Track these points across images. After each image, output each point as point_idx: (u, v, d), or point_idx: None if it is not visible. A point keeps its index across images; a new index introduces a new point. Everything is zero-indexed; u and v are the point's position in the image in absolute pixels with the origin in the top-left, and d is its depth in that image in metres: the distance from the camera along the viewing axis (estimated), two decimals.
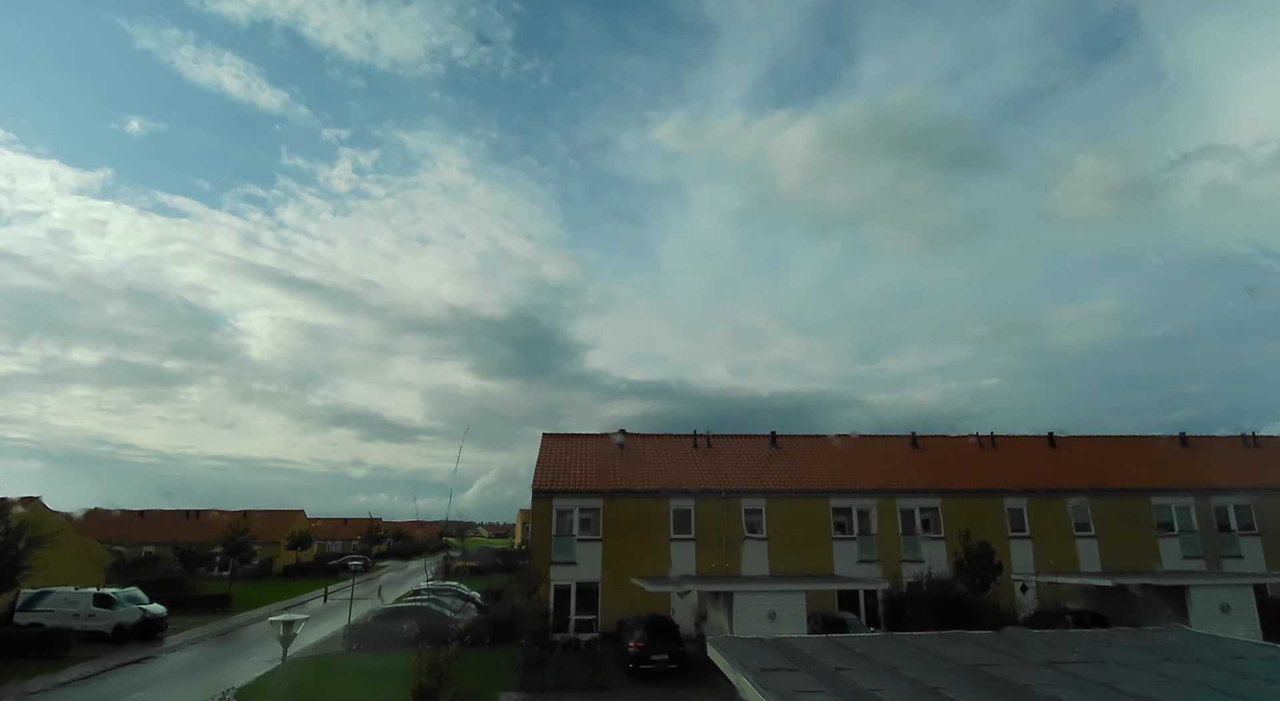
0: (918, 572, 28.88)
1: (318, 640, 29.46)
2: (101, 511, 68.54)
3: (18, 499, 32.72)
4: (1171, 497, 32.43)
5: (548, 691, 20.07)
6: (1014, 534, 31.36)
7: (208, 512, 69.91)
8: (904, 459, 35.22)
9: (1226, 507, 32.46)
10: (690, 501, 30.74)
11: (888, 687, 7.56)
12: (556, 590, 29.05)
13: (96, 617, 29.20)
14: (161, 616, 30.87)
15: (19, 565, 26.07)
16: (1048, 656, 9.34)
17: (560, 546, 29.69)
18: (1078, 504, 32.06)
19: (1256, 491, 32.61)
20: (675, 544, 30.15)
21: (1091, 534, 31.59)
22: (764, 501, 31.03)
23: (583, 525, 30.21)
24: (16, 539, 25.89)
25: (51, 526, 30.98)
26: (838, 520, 31.29)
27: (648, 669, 21.72)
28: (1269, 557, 31.65)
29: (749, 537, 30.53)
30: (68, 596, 29.57)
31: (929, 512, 31.76)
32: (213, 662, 25.39)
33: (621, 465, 33.17)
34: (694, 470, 32.88)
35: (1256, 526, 32.22)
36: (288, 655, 15.45)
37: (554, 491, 30.32)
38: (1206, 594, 24.05)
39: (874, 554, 30.71)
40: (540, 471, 31.80)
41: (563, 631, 28.08)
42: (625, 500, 30.48)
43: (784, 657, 9.11)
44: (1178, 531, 32.00)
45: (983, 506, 31.58)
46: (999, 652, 9.59)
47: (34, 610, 29.18)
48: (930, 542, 30.98)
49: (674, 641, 22.09)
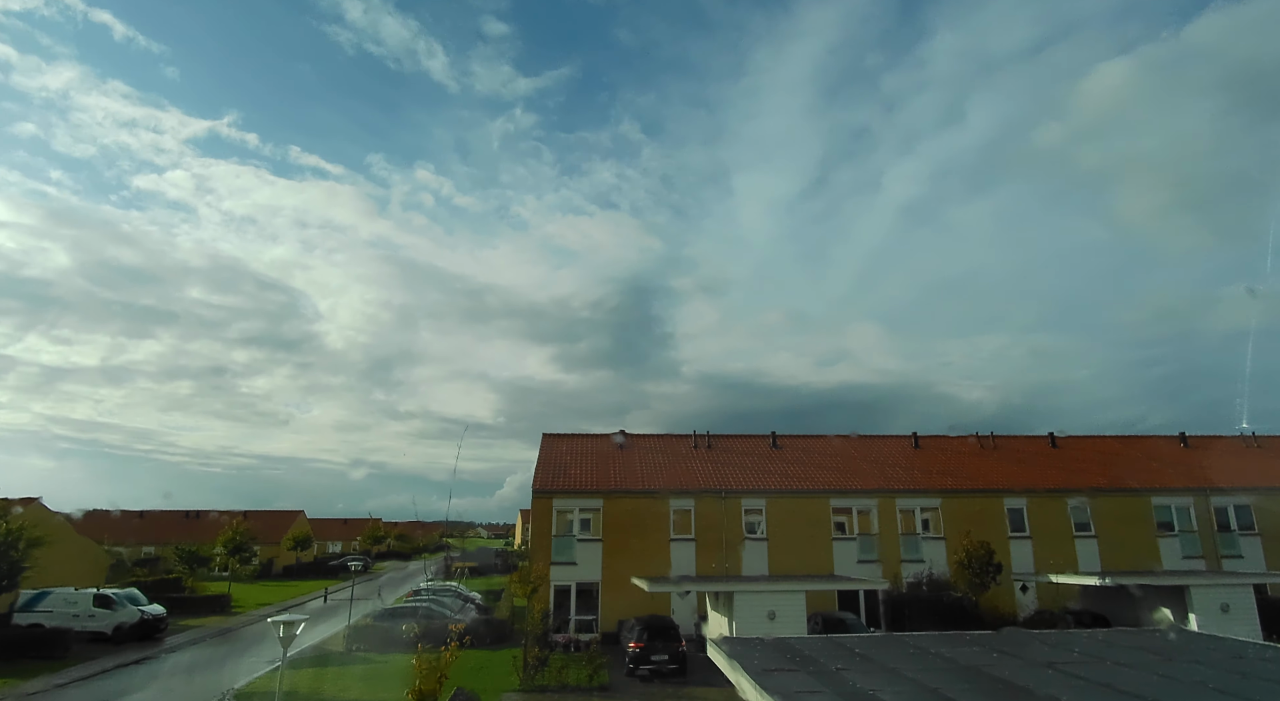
0: (918, 572, 28.87)
1: (318, 641, 29.46)
2: (101, 512, 68.68)
3: (18, 499, 32.82)
4: (1171, 497, 32.42)
5: (548, 692, 20.06)
6: (1014, 534, 31.34)
7: (208, 513, 69.90)
8: (904, 459, 35.21)
9: (1226, 507, 32.43)
10: (690, 501, 30.72)
11: (888, 687, 7.55)
12: (556, 590, 29.03)
13: (96, 618, 29.18)
14: (161, 617, 30.86)
15: (19, 566, 26.07)
16: (1048, 656, 9.34)
17: (560, 546, 29.67)
18: (1078, 504, 32.04)
19: (1256, 491, 32.60)
20: (675, 544, 30.14)
21: (1091, 534, 31.58)
22: (764, 501, 31.01)
23: (583, 525, 30.20)
24: (17, 540, 25.88)
25: (51, 527, 30.99)
26: (838, 520, 31.27)
27: (648, 669, 21.70)
28: (1269, 557, 31.63)
29: (749, 538, 30.52)
30: (67, 597, 29.56)
31: (929, 512, 31.75)
32: (212, 663, 25.38)
33: (621, 465, 33.16)
34: (694, 470, 32.87)
35: (1256, 526, 32.21)
36: (287, 656, 15.44)
37: (554, 491, 30.30)
38: (1206, 594, 24.06)
39: (874, 554, 30.69)
40: (540, 471, 31.79)
41: (563, 632, 28.07)
42: (625, 500, 30.47)
43: (784, 657, 9.10)
44: (1178, 531, 31.98)
45: (983, 506, 31.57)
46: (999, 653, 9.59)
47: (34, 611, 29.17)
48: (930, 542, 30.97)
49: (674, 642, 22.07)
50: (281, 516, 73.47)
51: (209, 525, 63.65)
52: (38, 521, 28.85)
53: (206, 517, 68.37)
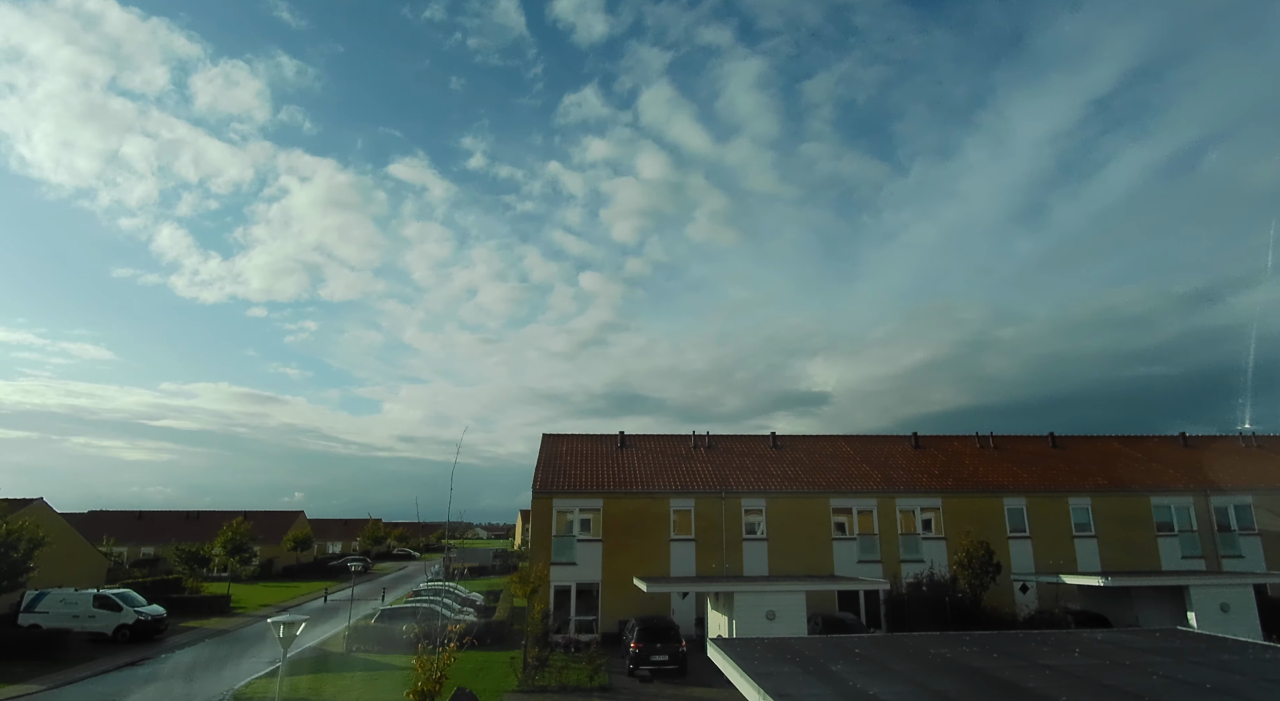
0: (918, 573, 28.86)
1: (318, 641, 29.46)
2: (100, 513, 68.68)
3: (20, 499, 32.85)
4: (1171, 497, 32.41)
5: (548, 692, 20.05)
6: (1014, 534, 31.34)
7: (208, 513, 69.90)
8: (904, 459, 35.20)
9: (1226, 508, 32.44)
10: (690, 501, 30.71)
11: (888, 688, 7.56)
12: (557, 591, 29.02)
13: (97, 619, 29.19)
14: (161, 617, 30.86)
15: (23, 566, 26.08)
16: (1048, 657, 9.35)
17: (560, 547, 29.66)
18: (1078, 504, 32.05)
19: (1256, 491, 32.60)
20: (675, 544, 30.13)
21: (1091, 534, 31.57)
22: (764, 501, 31.01)
23: (583, 525, 30.19)
24: (18, 540, 25.89)
25: (53, 528, 30.98)
26: (838, 520, 31.27)
27: (648, 669, 21.71)
28: (1269, 557, 31.63)
29: (749, 538, 30.52)
30: (67, 597, 29.57)
31: (929, 512, 31.74)
32: (212, 663, 25.36)
33: (621, 465, 33.15)
34: (694, 470, 32.86)
35: (1256, 526, 32.21)
36: (287, 656, 15.44)
37: (554, 492, 30.29)
38: (1206, 594, 24.08)
39: (874, 554, 30.68)
40: (540, 472, 31.78)
41: (563, 632, 28.07)
42: (625, 500, 30.46)
43: (784, 658, 9.11)
44: (1178, 531, 31.97)
45: (983, 506, 31.57)
46: (999, 653, 9.60)
47: (34, 611, 29.18)
48: (930, 543, 30.96)
49: (674, 642, 22.07)
50: (281, 516, 73.53)
51: (209, 525, 63.62)
52: (39, 522, 28.85)
53: (206, 518, 68.38)
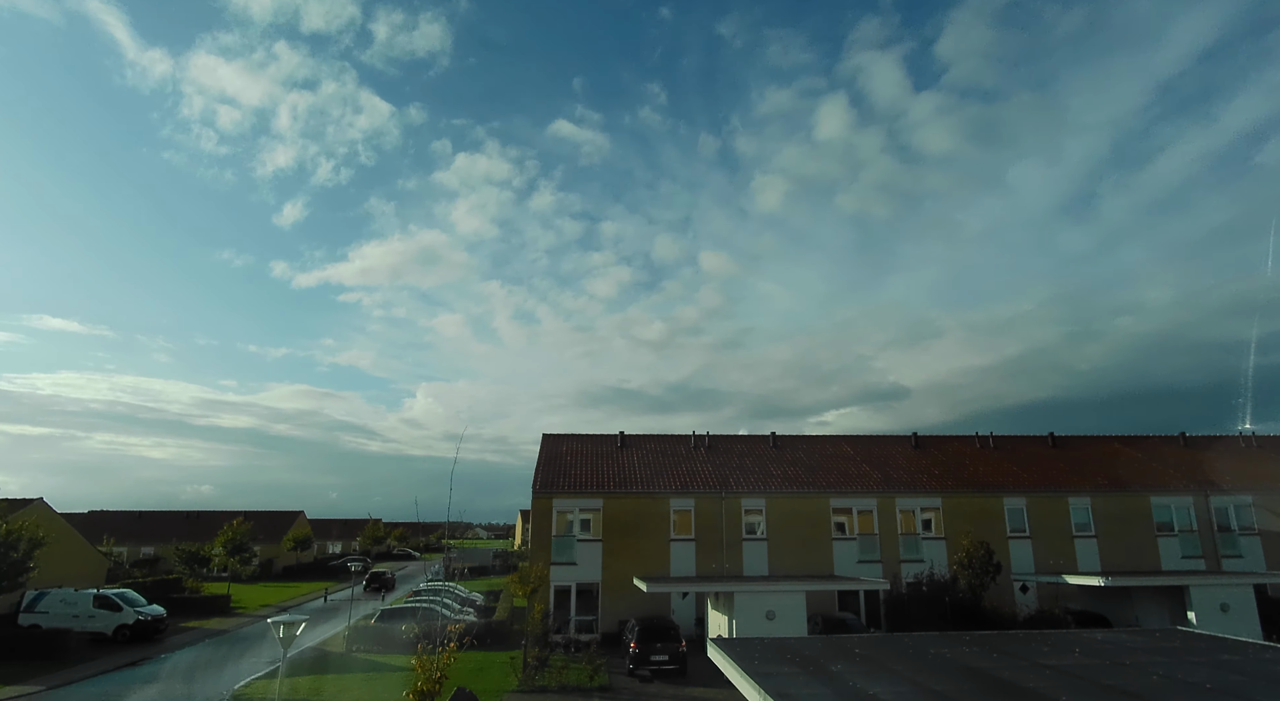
0: (918, 572, 28.85)
1: (318, 641, 29.45)
2: (100, 513, 68.67)
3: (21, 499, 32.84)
4: (1171, 497, 32.41)
5: (548, 692, 20.05)
6: (1014, 534, 31.33)
7: (208, 513, 69.91)
8: (904, 459, 35.20)
9: (1226, 508, 32.43)
10: (690, 501, 30.71)
11: (888, 688, 7.56)
12: (557, 591, 29.02)
13: (97, 619, 29.18)
14: (161, 617, 30.86)
15: (23, 566, 26.07)
16: (1048, 657, 9.35)
17: (560, 547, 29.66)
18: (1078, 504, 32.05)
19: (1256, 491, 32.60)
20: (675, 544, 30.12)
21: (1091, 534, 31.57)
22: (764, 501, 31.00)
23: (583, 525, 30.18)
24: (18, 540, 25.89)
25: (53, 528, 30.96)
26: (838, 520, 31.26)
27: (648, 669, 21.71)
28: (1269, 557, 31.62)
29: (749, 538, 30.51)
30: (67, 597, 29.56)
31: (929, 512, 31.74)
32: (212, 663, 25.36)
33: (621, 465, 33.15)
34: (694, 470, 32.86)
35: (1256, 526, 32.21)
36: (287, 656, 15.44)
37: (554, 491, 30.29)
38: (1206, 593, 24.10)
39: (874, 554, 30.68)
40: (540, 471, 31.77)
41: (563, 632, 28.06)
42: (625, 500, 30.46)
43: (784, 658, 9.11)
44: (1177, 531, 31.97)
45: (983, 506, 31.56)
46: (999, 653, 9.60)
47: (34, 611, 29.17)
48: (930, 542, 30.96)
49: (674, 642, 22.07)
50: (281, 516, 73.56)
51: (209, 525, 63.61)
52: (40, 522, 28.86)
53: (206, 518, 68.37)
